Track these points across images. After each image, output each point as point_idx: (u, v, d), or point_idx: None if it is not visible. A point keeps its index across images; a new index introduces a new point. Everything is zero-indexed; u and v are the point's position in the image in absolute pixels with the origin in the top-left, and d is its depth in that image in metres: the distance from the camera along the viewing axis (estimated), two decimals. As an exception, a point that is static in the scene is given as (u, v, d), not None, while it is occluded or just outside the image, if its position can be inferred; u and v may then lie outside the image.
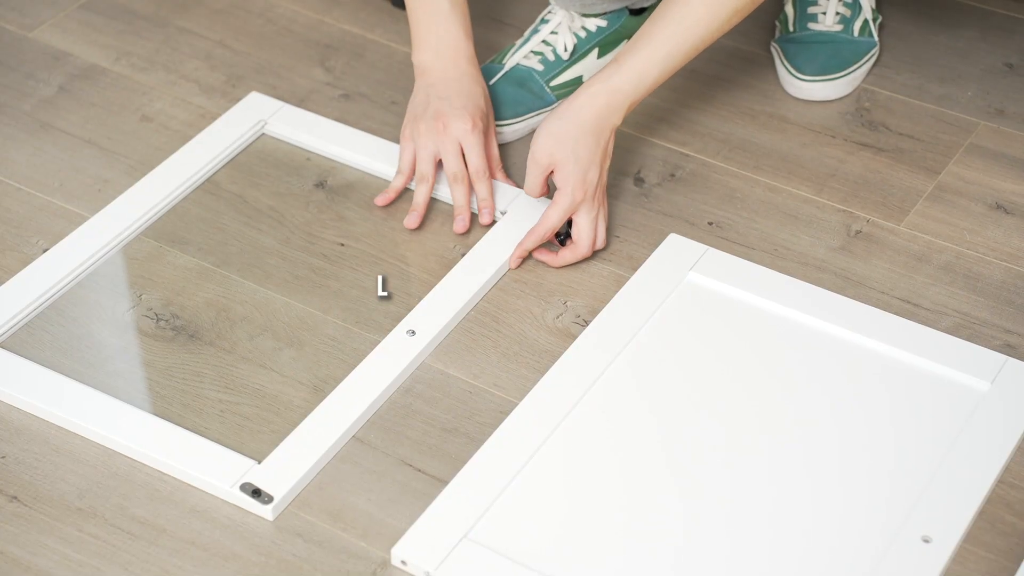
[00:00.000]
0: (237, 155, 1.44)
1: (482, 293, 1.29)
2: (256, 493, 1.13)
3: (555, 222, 1.29)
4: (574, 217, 1.30)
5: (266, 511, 1.12)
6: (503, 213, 1.36)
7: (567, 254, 1.31)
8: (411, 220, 1.35)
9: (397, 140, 1.43)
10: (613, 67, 1.28)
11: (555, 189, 1.30)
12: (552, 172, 1.29)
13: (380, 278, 1.30)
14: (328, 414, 1.19)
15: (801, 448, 1.16)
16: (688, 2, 1.26)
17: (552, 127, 1.28)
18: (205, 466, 1.15)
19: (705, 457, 1.16)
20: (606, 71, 1.28)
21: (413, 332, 1.25)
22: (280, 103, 1.48)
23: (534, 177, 1.30)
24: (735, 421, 1.18)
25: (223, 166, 1.42)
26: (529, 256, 1.33)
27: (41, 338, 1.27)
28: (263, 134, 1.46)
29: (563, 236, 1.33)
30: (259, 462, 1.15)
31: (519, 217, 1.35)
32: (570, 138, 1.27)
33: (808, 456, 1.16)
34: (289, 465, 1.15)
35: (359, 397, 1.20)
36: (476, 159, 1.34)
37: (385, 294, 1.29)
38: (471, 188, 1.36)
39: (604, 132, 1.28)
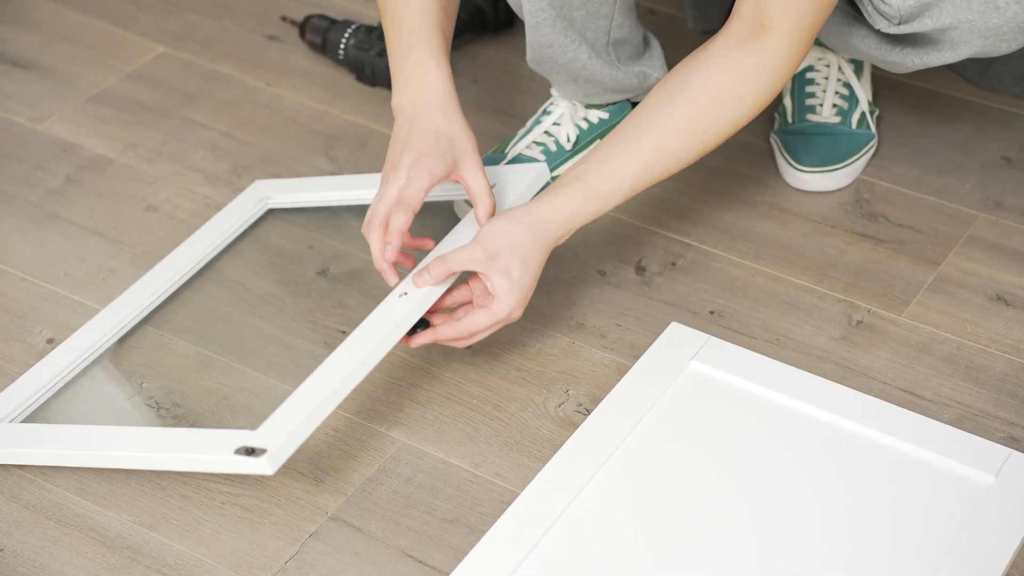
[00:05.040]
0: (244, 238, 1.45)
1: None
2: (251, 452, 1.11)
3: (482, 328, 1.23)
4: (486, 313, 1.22)
5: (263, 466, 1.11)
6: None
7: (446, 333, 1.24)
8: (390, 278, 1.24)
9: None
10: (580, 189, 1.23)
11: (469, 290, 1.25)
12: (486, 274, 1.21)
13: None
14: (317, 379, 1.17)
15: (803, 539, 1.15)
16: (664, 129, 1.24)
17: (513, 232, 1.22)
18: (200, 444, 1.15)
19: (708, 548, 1.15)
20: (573, 190, 1.23)
21: (405, 294, 1.22)
22: (278, 179, 1.49)
23: (469, 262, 1.21)
24: (737, 511, 1.17)
25: (231, 245, 1.43)
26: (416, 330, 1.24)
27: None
28: (268, 209, 1.47)
29: (421, 327, 1.25)
30: (253, 429, 1.15)
31: None
32: (522, 250, 1.22)
33: (810, 548, 1.15)
34: (281, 422, 1.13)
35: (348, 358, 1.18)
36: (406, 191, 1.23)
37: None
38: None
39: (549, 252, 1.25)
